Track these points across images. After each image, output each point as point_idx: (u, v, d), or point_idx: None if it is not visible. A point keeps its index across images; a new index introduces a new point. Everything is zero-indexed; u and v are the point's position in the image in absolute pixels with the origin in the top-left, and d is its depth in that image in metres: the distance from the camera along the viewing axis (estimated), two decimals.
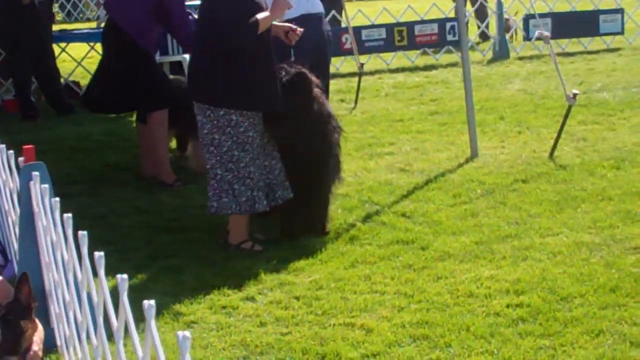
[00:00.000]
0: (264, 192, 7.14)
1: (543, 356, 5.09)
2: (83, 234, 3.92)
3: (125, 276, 3.26)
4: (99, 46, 12.49)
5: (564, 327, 5.44)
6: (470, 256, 6.72)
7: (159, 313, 5.84)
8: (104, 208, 8.50)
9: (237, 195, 7.05)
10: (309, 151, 7.31)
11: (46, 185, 4.80)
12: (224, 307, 5.99)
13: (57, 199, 4.51)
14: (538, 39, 10.32)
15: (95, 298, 3.86)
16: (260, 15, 7.05)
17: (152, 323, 3.04)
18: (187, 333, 2.78)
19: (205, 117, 7.05)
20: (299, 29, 7.51)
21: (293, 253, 6.96)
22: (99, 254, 3.60)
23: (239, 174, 7.04)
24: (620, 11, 18.39)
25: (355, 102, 13.31)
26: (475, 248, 6.88)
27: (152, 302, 3.04)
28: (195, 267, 6.81)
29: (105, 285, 3.55)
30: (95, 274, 3.67)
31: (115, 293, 3.36)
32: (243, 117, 7.00)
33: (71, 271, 4.33)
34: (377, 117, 12.15)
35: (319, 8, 9.06)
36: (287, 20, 7.66)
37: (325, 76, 9.53)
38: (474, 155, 9.63)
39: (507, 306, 5.77)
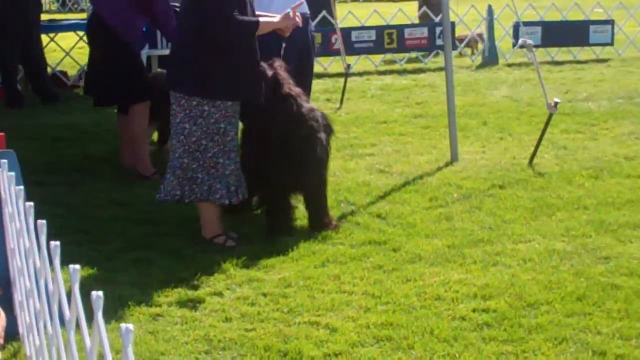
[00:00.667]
0: (227, 185, 7.11)
1: None
2: (42, 222, 3.90)
3: (77, 267, 3.25)
4: None
5: (528, 333, 5.44)
6: (441, 259, 6.72)
7: (124, 305, 5.85)
8: (80, 198, 8.51)
9: (199, 184, 7.05)
10: (285, 149, 7.30)
11: (12, 173, 4.78)
12: (190, 301, 5.98)
13: (22, 187, 4.49)
14: (521, 46, 10.34)
15: (51, 287, 3.85)
16: (263, 19, 7.12)
17: (99, 314, 3.03)
18: (130, 326, 2.77)
19: (178, 106, 7.07)
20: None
21: (265, 250, 6.96)
22: (54, 244, 3.59)
23: (204, 164, 7.04)
24: (610, 22, 18.44)
25: (341, 102, 13.32)
26: (446, 252, 6.88)
27: (100, 293, 3.02)
28: (165, 260, 6.80)
29: (60, 275, 3.54)
30: (62, 264, 3.66)
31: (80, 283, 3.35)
32: (215, 109, 7.01)
33: (31, 259, 4.32)
34: (361, 118, 12.15)
35: (305, 9, 9.08)
36: None
37: (308, 75, 9.56)
38: (453, 159, 9.65)
39: (473, 310, 5.77)
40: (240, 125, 7.57)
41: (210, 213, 7.15)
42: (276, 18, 7.35)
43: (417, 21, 17.96)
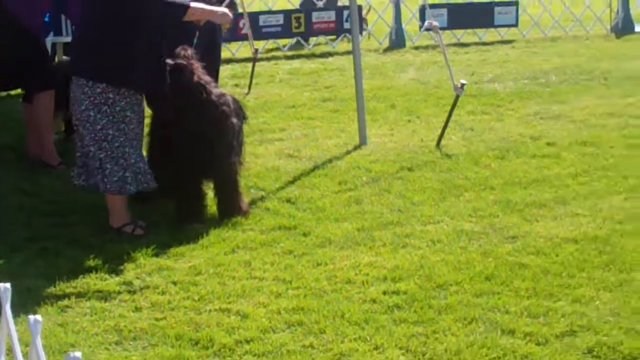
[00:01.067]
0: (135, 174, 7.04)
1: (415, 343, 5.12)
2: None
3: None
4: None
5: (438, 314, 5.49)
6: (351, 243, 6.75)
7: (31, 296, 5.76)
8: None
9: (108, 175, 6.96)
10: (197, 136, 7.25)
11: None
12: (99, 292, 5.91)
13: None
14: (428, 29, 10.42)
15: None
16: (195, 5, 7.02)
17: (7, 307, 2.99)
18: (39, 317, 2.74)
19: (82, 93, 6.95)
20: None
21: (174, 238, 6.91)
22: None
23: (112, 154, 6.95)
24: (514, 4, 18.68)
25: (249, 87, 13.26)
26: (356, 235, 6.91)
27: (8, 285, 2.98)
28: (72, 250, 6.71)
29: None
30: None
31: None
32: (120, 96, 6.92)
33: None
34: (269, 103, 12.12)
35: None
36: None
37: (216, 59, 9.54)
38: (362, 142, 9.68)
39: (384, 293, 5.81)
40: (148, 112, 7.50)
41: (117, 202, 7.06)
42: (215, 8, 7.30)
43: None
